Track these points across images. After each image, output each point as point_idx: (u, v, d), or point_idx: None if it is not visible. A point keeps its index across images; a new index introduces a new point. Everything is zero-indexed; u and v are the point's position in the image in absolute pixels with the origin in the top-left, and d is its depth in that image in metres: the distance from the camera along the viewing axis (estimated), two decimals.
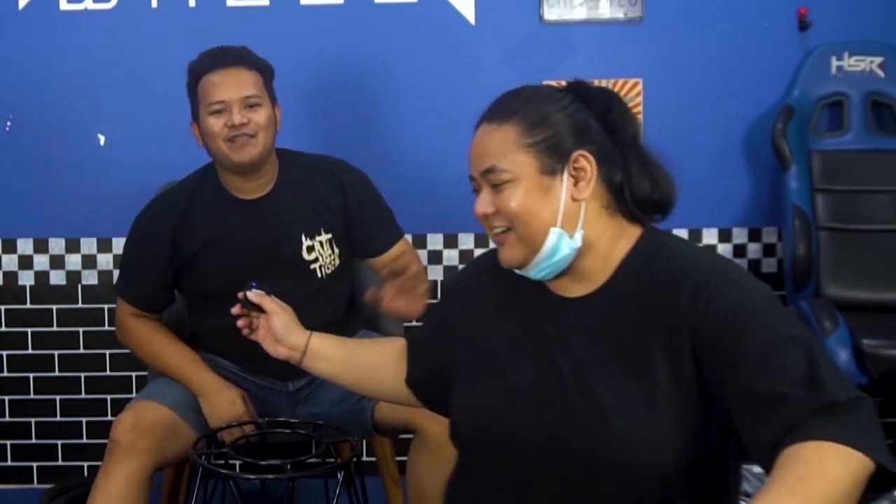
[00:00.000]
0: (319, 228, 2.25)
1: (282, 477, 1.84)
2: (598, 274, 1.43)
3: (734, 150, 3.00)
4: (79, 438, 3.02)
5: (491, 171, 1.39)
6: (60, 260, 2.97)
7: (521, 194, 1.38)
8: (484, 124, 1.43)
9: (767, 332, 1.28)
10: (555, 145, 1.38)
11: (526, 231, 1.39)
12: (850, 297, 2.76)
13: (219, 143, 2.17)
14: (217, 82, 2.16)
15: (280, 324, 1.66)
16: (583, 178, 1.39)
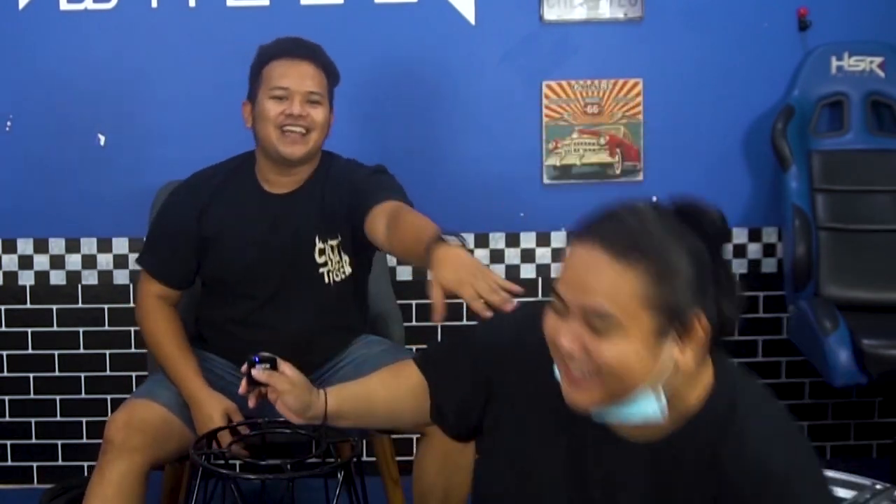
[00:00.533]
0: (331, 232, 2.23)
1: (282, 477, 1.84)
2: (665, 425, 1.27)
3: (734, 150, 3.00)
4: (79, 438, 3.02)
5: (598, 315, 1.19)
6: (60, 260, 2.97)
7: (627, 351, 1.19)
8: (598, 250, 1.20)
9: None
10: (675, 305, 1.20)
11: (616, 387, 1.22)
12: (850, 296, 2.76)
13: (269, 129, 2.17)
14: (285, 69, 2.18)
15: (294, 401, 1.54)
16: (689, 341, 1.22)
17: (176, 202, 2.28)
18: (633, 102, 2.96)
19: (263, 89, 2.19)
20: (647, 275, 1.18)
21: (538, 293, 3.01)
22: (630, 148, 2.97)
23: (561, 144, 2.97)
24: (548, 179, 2.97)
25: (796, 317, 2.80)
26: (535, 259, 3.01)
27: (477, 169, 2.97)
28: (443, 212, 2.94)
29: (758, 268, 3.05)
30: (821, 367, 2.63)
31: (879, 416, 3.10)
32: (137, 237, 2.89)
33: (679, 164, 2.98)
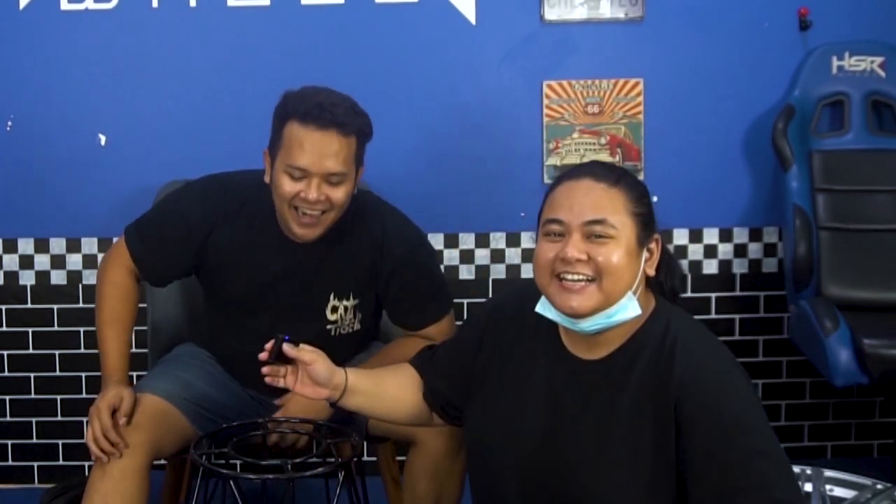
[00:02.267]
0: (349, 292, 2.16)
1: (282, 477, 1.84)
2: (613, 342, 1.57)
3: (735, 149, 3.00)
4: (79, 438, 3.01)
5: (599, 223, 1.51)
6: (61, 260, 2.97)
7: (621, 252, 1.50)
8: (587, 179, 1.55)
9: (745, 443, 1.43)
10: (647, 222, 1.55)
11: (611, 287, 1.50)
12: (851, 296, 2.76)
13: (283, 206, 2.02)
14: (305, 142, 1.95)
15: (324, 369, 1.71)
16: (651, 258, 1.57)
17: (187, 209, 2.15)
18: (634, 102, 2.96)
19: (281, 156, 1.98)
20: (630, 194, 1.54)
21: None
22: (630, 148, 2.97)
23: (561, 144, 2.96)
24: (548, 179, 2.97)
25: (797, 316, 2.80)
26: None
27: (477, 169, 2.97)
28: (443, 212, 2.96)
29: (758, 268, 3.04)
30: (821, 367, 2.63)
31: (880, 415, 3.10)
32: None
33: (679, 164, 2.98)
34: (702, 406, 1.46)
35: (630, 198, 1.54)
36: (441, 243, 2.99)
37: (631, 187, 1.55)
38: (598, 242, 1.50)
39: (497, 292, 3.01)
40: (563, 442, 1.55)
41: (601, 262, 1.49)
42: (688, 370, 1.49)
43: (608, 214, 1.51)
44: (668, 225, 3.00)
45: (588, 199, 1.52)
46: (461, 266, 3.00)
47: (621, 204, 1.53)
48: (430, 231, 2.94)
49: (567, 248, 1.51)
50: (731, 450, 1.43)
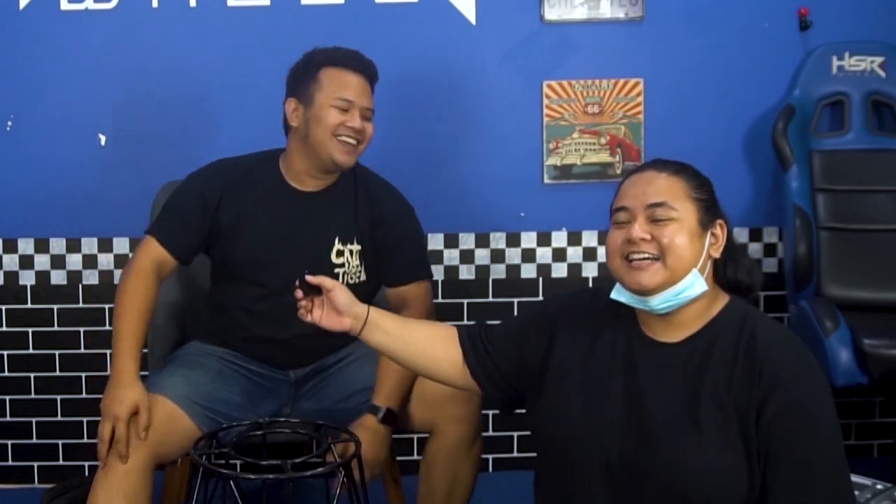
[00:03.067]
0: (353, 237, 2.27)
1: (282, 477, 1.84)
2: (690, 325, 1.65)
3: (735, 149, 3.01)
4: (79, 438, 3.02)
5: (661, 206, 1.62)
6: (61, 260, 2.97)
7: (683, 233, 1.61)
8: (650, 171, 1.67)
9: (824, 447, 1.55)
10: (709, 208, 1.65)
11: (676, 264, 1.60)
12: (851, 296, 2.76)
13: (327, 136, 2.20)
14: (349, 82, 2.22)
15: (344, 296, 1.79)
16: (716, 242, 1.66)
17: (195, 184, 2.28)
18: (634, 102, 2.96)
19: (324, 94, 2.21)
20: (691, 182, 1.65)
21: (539, 293, 3.01)
22: (630, 148, 2.97)
23: (561, 144, 2.97)
24: (548, 179, 2.97)
25: (797, 316, 2.80)
26: (535, 259, 3.01)
27: (477, 169, 2.97)
28: (443, 211, 2.96)
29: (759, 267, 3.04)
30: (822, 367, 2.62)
31: (880, 415, 3.10)
32: (138, 237, 2.88)
33: None
34: (785, 400, 1.54)
35: (691, 185, 1.64)
36: (441, 243, 2.99)
37: (692, 176, 1.66)
38: (661, 224, 1.61)
39: (497, 292, 3.01)
40: (651, 420, 1.61)
41: (664, 241, 1.60)
42: (769, 360, 1.57)
43: (668, 198, 1.62)
44: None
45: (651, 187, 1.64)
46: (461, 266, 3.00)
47: (681, 189, 1.63)
48: (430, 231, 2.96)
49: (632, 230, 1.62)
50: (811, 450, 1.53)
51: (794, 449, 1.53)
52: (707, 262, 1.65)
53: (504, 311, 2.99)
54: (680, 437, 1.58)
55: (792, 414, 1.54)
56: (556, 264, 3.02)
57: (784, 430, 1.53)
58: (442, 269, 2.99)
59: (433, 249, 2.99)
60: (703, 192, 1.66)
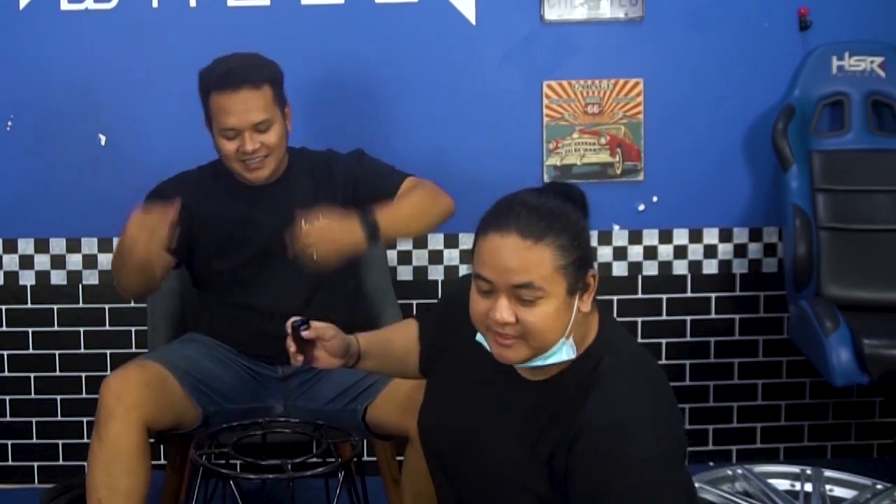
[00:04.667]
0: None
1: (282, 477, 1.84)
2: (552, 368, 1.57)
3: (735, 149, 3.00)
4: (79, 438, 3.01)
5: (526, 287, 1.48)
6: (61, 260, 2.97)
7: (550, 312, 1.49)
8: (514, 237, 1.49)
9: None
10: (578, 266, 1.51)
11: (541, 343, 1.51)
12: (851, 296, 2.76)
13: (231, 163, 2.26)
14: (227, 107, 2.20)
15: (337, 345, 1.79)
16: (587, 292, 1.54)
17: (164, 192, 2.31)
18: (634, 102, 2.96)
19: (214, 124, 2.25)
20: (557, 248, 1.49)
21: None
22: (630, 148, 2.97)
23: (561, 144, 2.96)
24: (548, 179, 2.97)
25: (797, 316, 2.80)
26: None
27: (477, 169, 2.96)
28: None
29: (758, 268, 3.04)
30: (821, 367, 2.63)
31: (880, 415, 3.10)
32: None
33: (679, 164, 2.98)
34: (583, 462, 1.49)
35: (557, 251, 1.49)
36: (441, 243, 2.99)
37: (557, 236, 1.49)
38: (526, 304, 1.49)
39: None
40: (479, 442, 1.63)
41: (528, 324, 1.49)
42: (589, 423, 1.49)
43: (534, 277, 1.48)
44: (669, 225, 3.00)
45: (513, 262, 1.48)
46: (461, 266, 3.00)
47: (548, 261, 1.48)
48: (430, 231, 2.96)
49: (495, 312, 1.50)
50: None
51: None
52: (577, 319, 1.54)
53: None
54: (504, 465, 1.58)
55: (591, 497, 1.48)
56: None
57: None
58: (442, 269, 2.99)
59: (433, 249, 2.99)
60: (571, 252, 1.50)
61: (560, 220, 1.51)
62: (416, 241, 2.93)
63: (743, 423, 3.10)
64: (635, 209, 2.98)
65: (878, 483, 2.51)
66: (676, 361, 3.05)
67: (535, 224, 1.49)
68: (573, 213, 1.54)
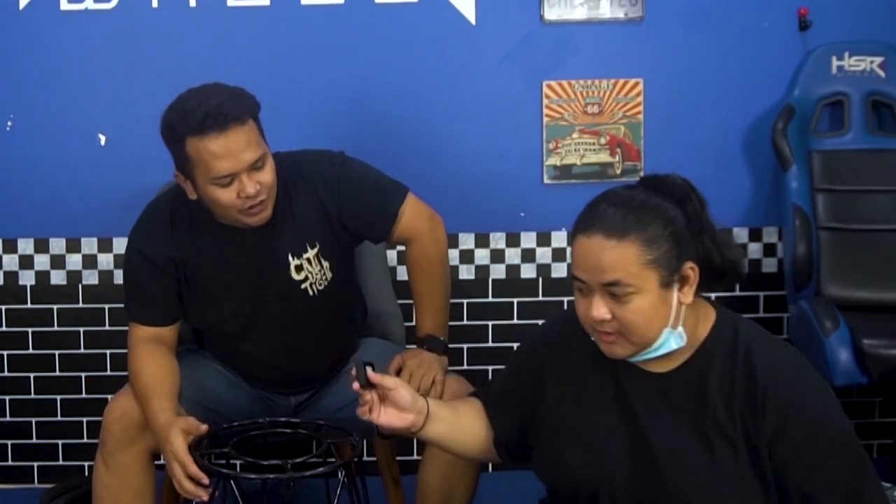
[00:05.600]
0: (304, 245, 2.13)
1: (283, 477, 1.84)
2: (680, 355, 1.59)
3: (734, 149, 3.00)
4: (79, 438, 3.01)
5: (615, 285, 1.51)
6: (61, 260, 2.97)
7: (645, 307, 1.51)
8: (599, 237, 1.52)
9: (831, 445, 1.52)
10: (669, 259, 1.52)
11: (641, 338, 1.54)
12: (851, 296, 2.76)
13: (230, 213, 2.03)
14: (218, 152, 1.94)
15: (407, 393, 1.71)
16: (687, 284, 1.55)
17: (143, 247, 2.15)
18: (634, 102, 2.96)
19: (201, 173, 1.98)
20: (641, 244, 1.51)
21: (539, 293, 3.01)
22: (630, 148, 2.97)
23: (561, 144, 2.97)
24: (548, 179, 2.97)
25: (797, 316, 2.80)
26: (535, 259, 3.01)
27: (477, 169, 2.96)
28: (443, 212, 2.94)
29: (758, 268, 3.05)
30: (821, 367, 2.62)
31: (880, 415, 3.10)
32: None
33: (679, 164, 2.92)
34: (789, 407, 1.51)
35: (643, 246, 1.51)
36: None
37: (643, 230, 1.51)
38: (620, 302, 1.52)
39: (497, 292, 3.01)
40: (655, 450, 1.58)
41: (624, 320, 1.52)
42: (770, 374, 1.53)
43: (622, 275, 1.50)
44: None
45: (602, 261, 1.51)
46: (461, 266, 3.00)
47: (634, 257, 1.50)
48: None
49: (591, 311, 1.54)
50: (817, 450, 1.50)
51: (822, 471, 1.51)
52: (681, 311, 1.56)
53: (504, 310, 2.99)
54: (687, 461, 1.55)
55: (813, 435, 1.52)
56: (555, 264, 3.02)
57: (809, 454, 1.51)
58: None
59: None
60: (660, 246, 1.52)
61: (646, 213, 1.53)
62: None
63: None
64: None
65: None
66: None
67: (619, 221, 1.52)
68: (663, 205, 1.56)
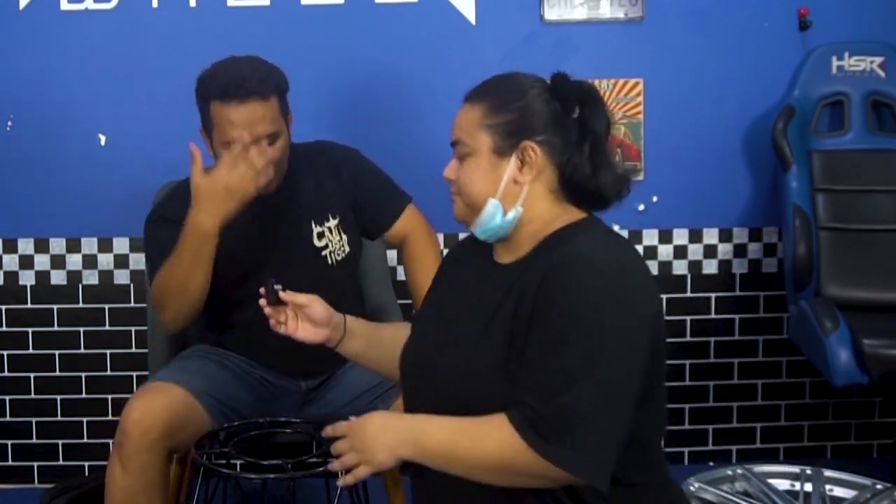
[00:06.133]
0: (327, 214, 2.25)
1: (283, 477, 1.84)
2: (523, 247, 1.59)
3: (734, 149, 3.00)
4: (79, 438, 3.02)
5: (456, 144, 1.65)
6: (61, 260, 2.97)
7: (475, 169, 1.60)
8: (465, 101, 1.66)
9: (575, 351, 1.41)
10: (511, 131, 1.57)
11: (468, 198, 1.62)
12: (851, 296, 2.76)
13: None
14: (233, 119, 2.08)
15: (321, 308, 1.77)
16: (527, 164, 1.57)
17: (165, 215, 2.21)
18: (634, 102, 2.96)
19: (216, 134, 2.13)
20: (485, 107, 1.60)
21: None
22: (630, 148, 2.97)
23: None
24: None
25: (797, 316, 2.80)
26: None
27: None
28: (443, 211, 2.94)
29: (758, 268, 3.05)
30: (821, 367, 2.63)
31: (880, 415, 3.10)
32: (138, 237, 2.88)
33: (679, 164, 2.98)
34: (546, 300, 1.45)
35: (485, 111, 1.60)
36: (441, 243, 2.98)
37: (492, 98, 1.60)
38: (462, 162, 1.64)
39: None
40: (448, 333, 1.60)
41: (459, 180, 1.64)
42: (553, 273, 1.46)
43: (462, 134, 1.63)
44: (668, 225, 3.00)
45: (455, 122, 1.67)
46: None
47: (475, 119, 1.61)
48: None
49: (445, 171, 1.69)
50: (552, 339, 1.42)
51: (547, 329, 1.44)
52: (519, 188, 1.57)
53: None
54: (463, 344, 1.56)
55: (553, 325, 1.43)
56: None
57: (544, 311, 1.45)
58: None
59: None
60: (503, 115, 1.58)
61: (503, 85, 1.63)
62: None
63: (743, 423, 3.10)
64: (635, 209, 2.98)
65: (877, 483, 2.51)
66: (676, 361, 3.05)
67: (481, 88, 1.65)
68: (532, 88, 1.61)
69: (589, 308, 1.42)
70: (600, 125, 1.60)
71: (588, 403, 1.39)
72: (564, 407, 1.38)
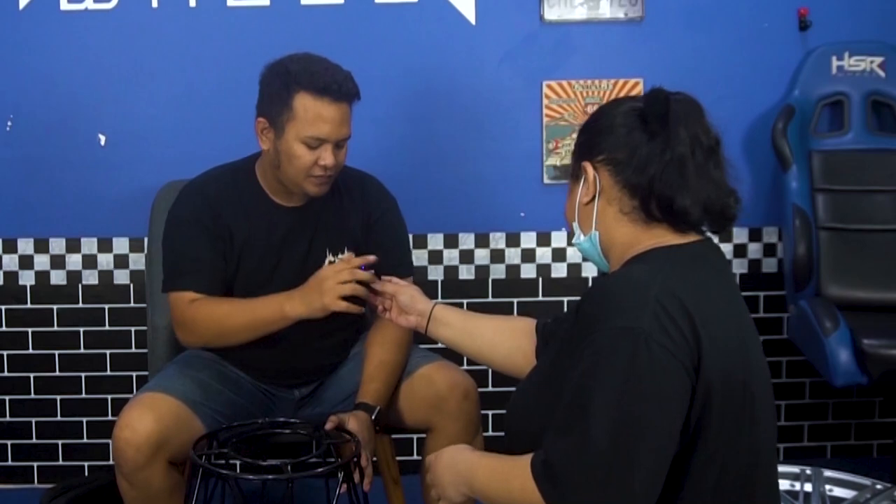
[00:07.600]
0: (343, 246, 2.22)
1: (282, 477, 1.84)
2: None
3: (734, 149, 2.99)
4: (79, 438, 3.02)
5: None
6: (61, 260, 2.97)
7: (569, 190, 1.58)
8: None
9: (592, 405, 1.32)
10: (579, 152, 1.54)
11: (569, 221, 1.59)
12: (851, 296, 2.76)
13: (298, 173, 2.10)
14: (324, 113, 2.07)
15: (408, 296, 1.89)
16: (586, 185, 1.51)
17: (186, 217, 2.18)
18: None
19: (296, 128, 2.07)
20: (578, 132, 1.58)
21: (539, 293, 3.01)
22: None
23: (561, 144, 2.97)
24: (548, 179, 2.97)
25: (797, 317, 2.80)
26: (535, 259, 3.01)
27: (477, 169, 2.97)
28: (443, 211, 2.96)
29: (758, 268, 3.05)
30: (821, 367, 2.63)
31: (880, 415, 3.10)
32: (137, 237, 2.89)
33: None
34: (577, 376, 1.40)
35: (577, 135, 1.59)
36: (441, 243, 2.99)
37: (583, 123, 1.59)
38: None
39: (497, 292, 3.01)
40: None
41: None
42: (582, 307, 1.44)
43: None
44: None
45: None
46: (461, 266, 3.00)
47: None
48: (430, 231, 2.97)
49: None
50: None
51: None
52: (588, 210, 1.51)
53: (504, 311, 2.99)
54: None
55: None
56: (555, 264, 3.02)
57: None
58: (442, 269, 2.99)
59: (433, 249, 2.99)
60: (578, 137, 1.57)
61: (597, 109, 1.59)
62: (416, 241, 2.92)
63: None
64: None
65: (877, 483, 2.51)
66: None
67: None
68: (616, 104, 1.58)
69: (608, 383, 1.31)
70: (683, 143, 1.51)
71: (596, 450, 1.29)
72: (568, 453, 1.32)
